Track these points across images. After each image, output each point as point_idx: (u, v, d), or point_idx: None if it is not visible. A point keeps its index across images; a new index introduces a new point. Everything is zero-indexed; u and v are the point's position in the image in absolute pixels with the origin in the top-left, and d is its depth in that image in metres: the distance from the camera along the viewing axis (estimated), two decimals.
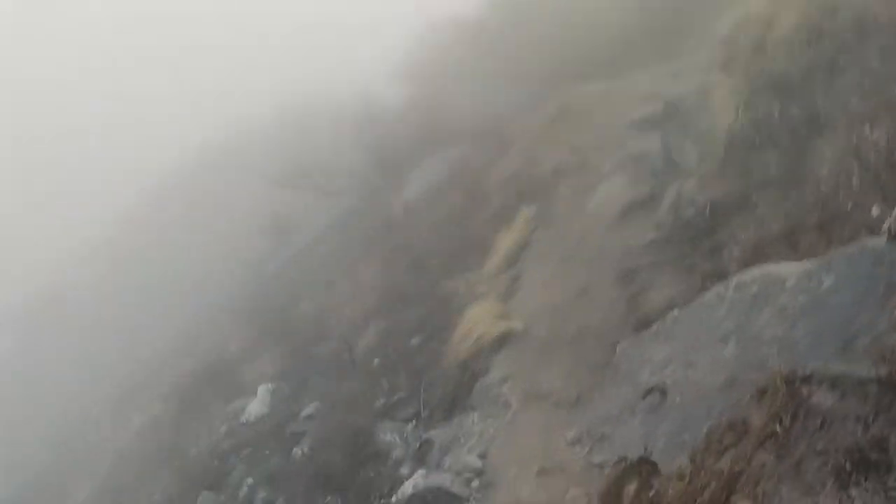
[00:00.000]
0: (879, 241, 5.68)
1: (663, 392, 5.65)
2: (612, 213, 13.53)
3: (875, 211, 7.43)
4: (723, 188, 11.20)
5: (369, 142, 22.25)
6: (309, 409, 13.12)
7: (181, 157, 38.31)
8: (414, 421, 11.24)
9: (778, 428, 4.21)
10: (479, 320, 11.52)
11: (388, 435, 10.82)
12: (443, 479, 8.66)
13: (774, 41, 12.10)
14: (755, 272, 5.43)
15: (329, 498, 10.94)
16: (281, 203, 24.21)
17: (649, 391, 5.83)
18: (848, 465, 3.91)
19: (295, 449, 12.42)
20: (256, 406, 14.73)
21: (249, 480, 12.74)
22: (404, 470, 9.87)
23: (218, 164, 34.25)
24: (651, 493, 5.29)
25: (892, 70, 9.66)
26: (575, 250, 13.06)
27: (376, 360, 13.14)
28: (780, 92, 11.20)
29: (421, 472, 9.24)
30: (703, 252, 10.70)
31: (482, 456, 9.18)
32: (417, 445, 10.15)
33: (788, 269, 5.17)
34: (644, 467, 5.50)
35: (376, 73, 27.87)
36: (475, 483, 8.71)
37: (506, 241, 13.92)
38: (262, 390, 14.97)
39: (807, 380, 4.28)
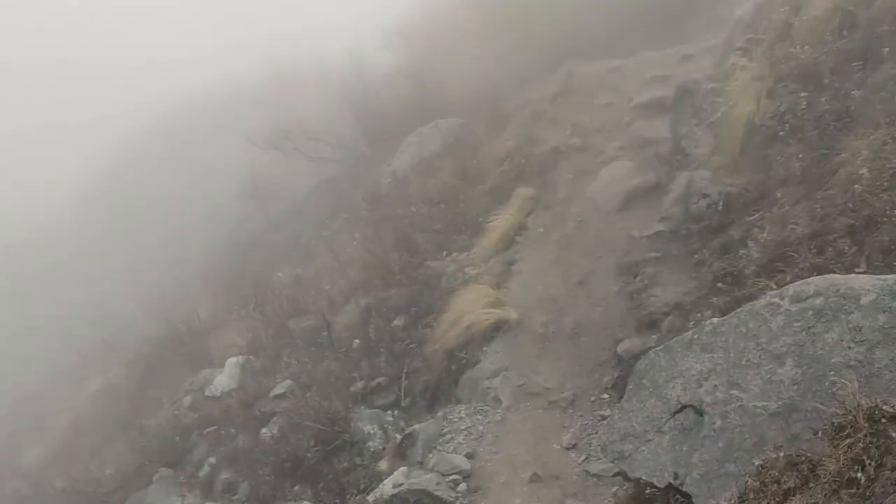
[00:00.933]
0: None
1: (700, 412, 4.91)
2: (614, 199, 12.80)
3: None
4: (739, 181, 10.44)
5: (357, 107, 21.22)
6: (280, 388, 12.29)
7: (163, 107, 36.79)
8: (394, 410, 10.48)
9: (860, 475, 3.47)
10: (470, 307, 10.71)
11: (365, 424, 10.03)
12: (427, 481, 7.90)
13: (803, 27, 11.36)
14: (819, 282, 4.66)
15: (298, 487, 10.17)
16: (261, 164, 23.16)
17: (681, 409, 5.08)
18: None
19: (263, 430, 11.59)
20: (224, 379, 13.86)
21: (212, 460, 11.93)
22: (383, 465, 9.10)
23: (200, 117, 32.90)
24: None
25: None
26: (574, 237, 12.31)
27: (356, 341, 12.31)
28: (808, 82, 10.45)
29: (402, 469, 8.47)
30: (714, 249, 9.99)
31: (470, 456, 8.44)
32: (398, 438, 9.37)
33: (863, 283, 4.41)
34: (673, 498, 4.80)
35: (366, 33, 26.74)
36: (462, 486, 7.97)
37: (500, 223, 13.12)
38: (231, 363, 14.09)
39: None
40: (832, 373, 4.12)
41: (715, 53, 14.93)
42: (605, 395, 8.89)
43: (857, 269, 6.88)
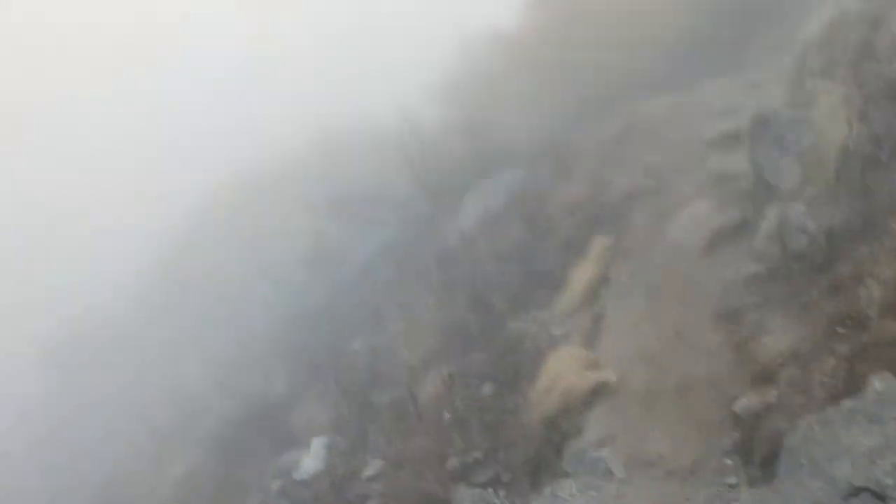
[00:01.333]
0: None
1: (880, 497, 4.31)
2: (699, 241, 12.17)
3: None
4: (840, 213, 9.79)
5: (415, 166, 21.04)
6: (372, 469, 11.90)
7: (218, 181, 37.35)
8: (496, 487, 9.94)
9: None
10: (564, 369, 10.20)
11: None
12: None
13: (885, 43, 10.73)
14: None
15: None
16: (323, 232, 23.10)
17: (856, 492, 4.48)
18: None
19: None
20: (311, 461, 13.53)
21: None
22: None
23: (257, 191, 33.24)
24: None
25: None
26: (662, 285, 11.71)
27: (445, 413, 11.85)
28: None
29: None
30: (823, 289, 9.32)
31: None
32: None
33: None
34: None
35: (414, 91, 26.70)
36: None
37: (580, 275, 12.62)
38: (317, 443, 13.77)
39: None
40: None
41: (784, 79, 14.29)
42: (728, 461, 8.21)
43: None
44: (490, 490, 9.98)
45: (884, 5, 11.08)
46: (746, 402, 8.53)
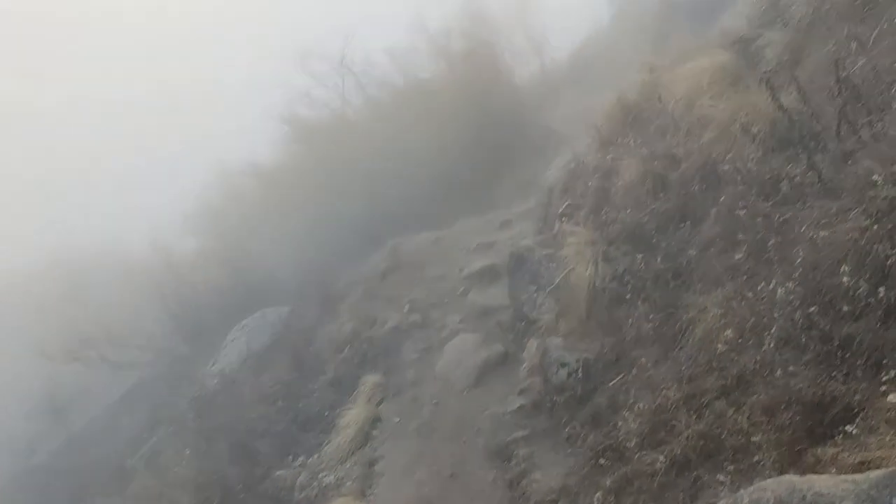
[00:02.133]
0: None
1: None
2: (466, 375, 12.34)
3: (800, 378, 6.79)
4: (594, 346, 10.39)
5: (168, 302, 19.60)
6: None
7: None
8: None
9: None
10: None
11: None
12: None
13: (619, 192, 11.97)
14: (776, 486, 4.26)
15: None
16: (59, 378, 20.45)
17: None
18: None
19: None
20: None
21: None
22: None
23: None
24: None
25: (748, 219, 9.57)
26: (433, 423, 11.58)
27: None
28: (638, 243, 10.86)
29: None
30: (584, 420, 9.68)
31: None
32: None
33: (830, 486, 4.05)
34: None
35: (170, 222, 25.38)
36: None
37: (350, 417, 12.14)
38: None
39: None
40: None
41: (531, 217, 15.47)
42: None
43: (752, 437, 6.73)
44: None
45: (615, 158, 12.46)
46: None
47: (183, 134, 37.71)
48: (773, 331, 7.25)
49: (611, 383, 9.72)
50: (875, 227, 6.15)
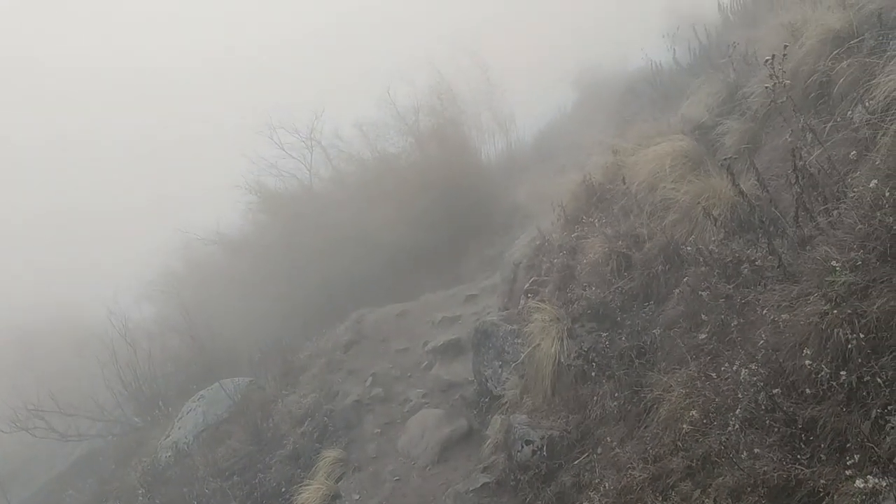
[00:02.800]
0: None
1: None
2: (429, 451, 12.16)
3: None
4: (559, 424, 10.36)
5: (122, 371, 19.07)
6: None
7: None
8: None
9: None
10: None
11: None
12: None
13: (584, 270, 12.15)
14: None
15: None
16: (2, 449, 19.58)
17: None
18: None
19: None
20: None
21: None
22: None
23: None
24: None
25: (710, 300, 9.77)
26: (394, 500, 11.31)
27: None
28: (603, 320, 10.98)
29: None
30: (549, 500, 9.58)
31: None
32: None
33: None
34: None
35: (130, 289, 24.94)
36: None
37: (308, 493, 11.80)
38: None
39: None
40: None
41: (496, 292, 15.56)
42: None
43: None
44: None
45: (580, 236, 12.70)
46: None
47: (146, 194, 37.47)
48: (737, 412, 7.31)
49: (576, 461, 9.66)
50: (835, 311, 6.30)
